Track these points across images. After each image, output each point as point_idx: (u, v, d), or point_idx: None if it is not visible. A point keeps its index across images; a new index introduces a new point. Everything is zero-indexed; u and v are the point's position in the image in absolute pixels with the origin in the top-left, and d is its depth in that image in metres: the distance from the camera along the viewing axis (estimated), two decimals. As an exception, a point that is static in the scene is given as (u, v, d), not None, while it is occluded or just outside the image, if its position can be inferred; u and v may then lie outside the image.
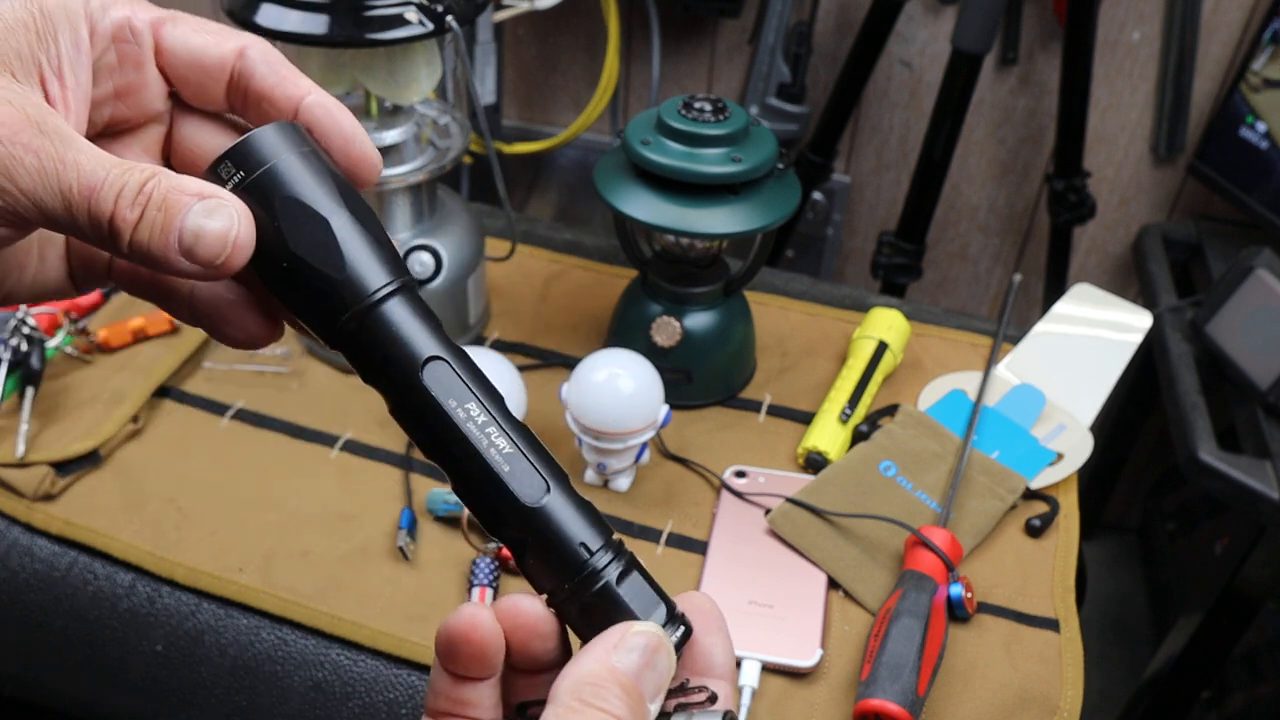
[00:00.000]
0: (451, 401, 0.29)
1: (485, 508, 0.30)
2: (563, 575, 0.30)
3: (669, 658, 0.31)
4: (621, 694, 0.29)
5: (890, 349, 0.86)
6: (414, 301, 0.30)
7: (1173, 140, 1.26)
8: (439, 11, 0.72)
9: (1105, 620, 1.52)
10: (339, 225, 0.29)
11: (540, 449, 0.30)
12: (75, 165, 0.27)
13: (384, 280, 0.29)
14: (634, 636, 0.30)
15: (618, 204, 0.76)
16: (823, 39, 1.32)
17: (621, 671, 0.29)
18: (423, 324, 0.30)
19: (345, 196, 0.29)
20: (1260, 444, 0.97)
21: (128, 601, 0.71)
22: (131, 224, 0.27)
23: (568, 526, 0.30)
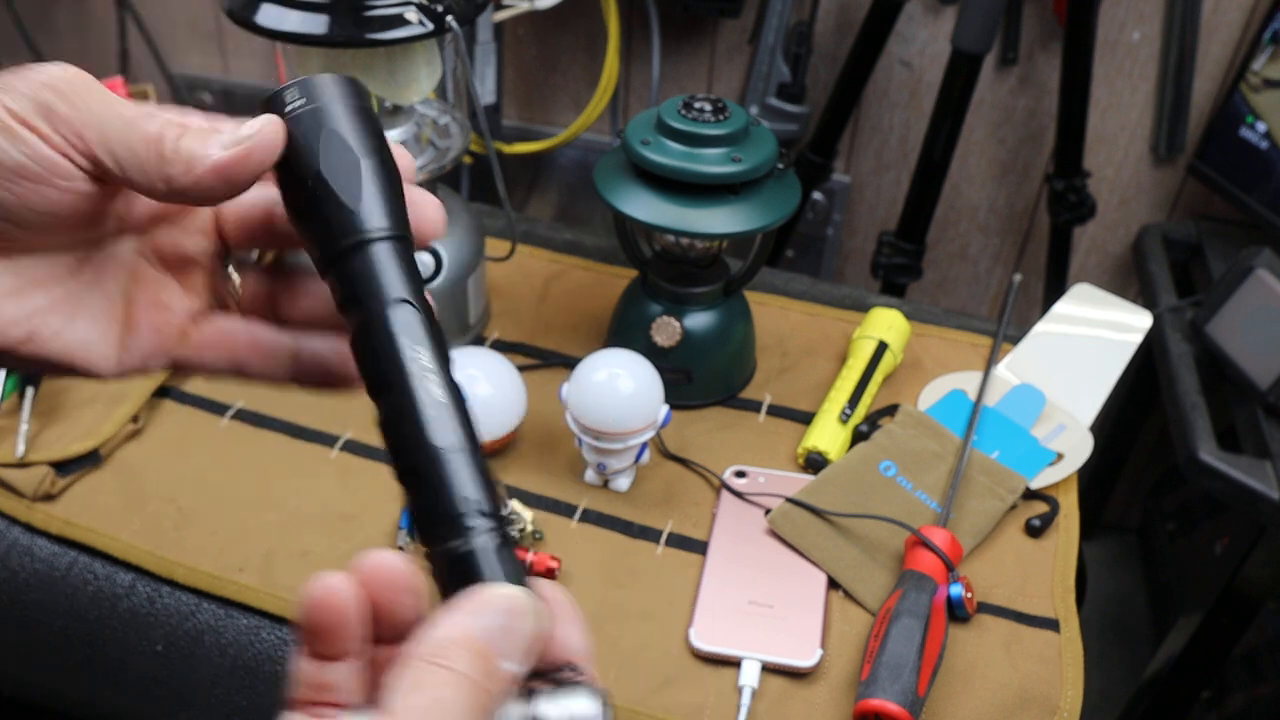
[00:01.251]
0: (406, 339, 0.32)
1: (399, 439, 0.32)
2: (441, 520, 0.31)
3: (533, 621, 0.30)
4: (471, 655, 0.28)
5: (890, 349, 0.86)
6: (406, 256, 0.33)
7: (1173, 140, 1.26)
8: (439, 11, 0.72)
9: (1105, 620, 1.52)
10: (367, 168, 0.33)
11: (466, 416, 0.32)
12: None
13: (388, 224, 0.33)
14: (494, 598, 0.29)
15: (618, 204, 0.76)
16: (823, 39, 1.32)
17: (474, 632, 0.28)
18: (407, 275, 0.33)
19: (380, 153, 0.33)
20: (1260, 444, 0.97)
21: (128, 601, 0.71)
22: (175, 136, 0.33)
23: (461, 478, 0.31)
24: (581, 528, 0.75)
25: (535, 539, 0.73)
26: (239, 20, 0.72)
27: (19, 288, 0.34)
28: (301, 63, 0.78)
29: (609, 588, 0.71)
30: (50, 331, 0.35)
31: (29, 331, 0.34)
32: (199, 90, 1.59)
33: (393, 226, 0.33)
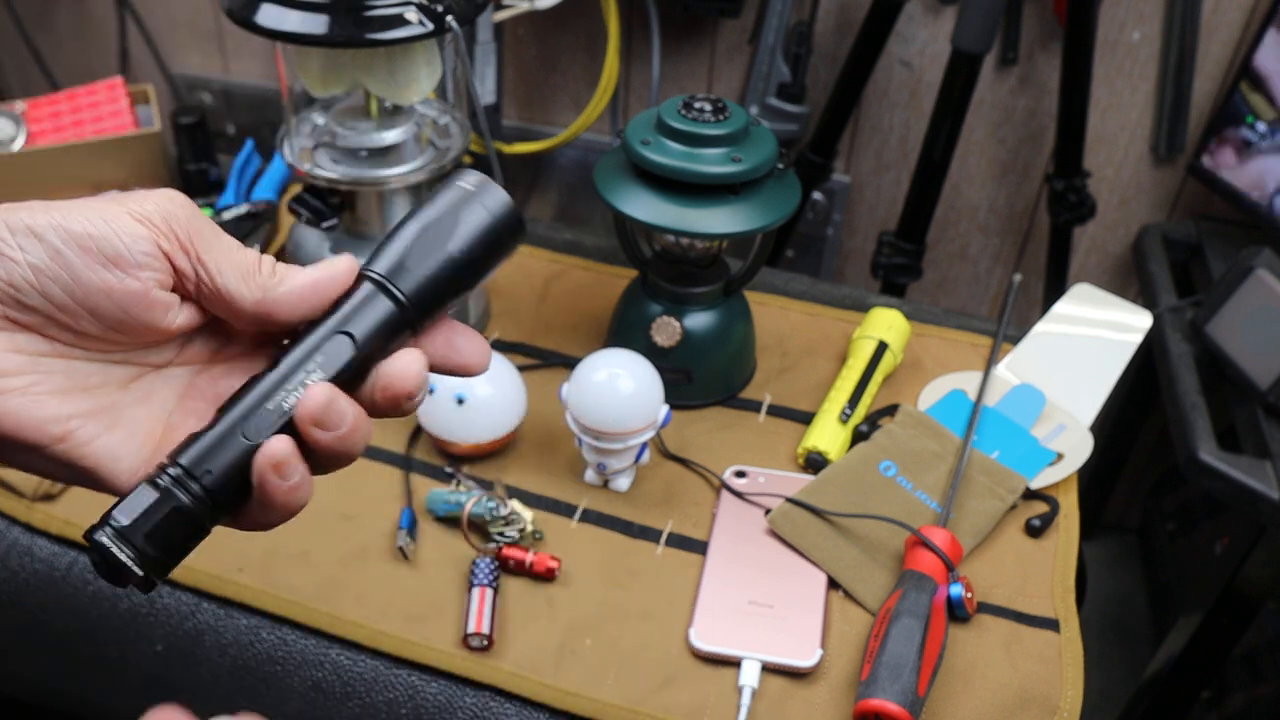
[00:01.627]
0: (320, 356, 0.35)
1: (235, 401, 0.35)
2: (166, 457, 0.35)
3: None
4: None
5: (890, 349, 0.86)
6: (393, 322, 0.36)
7: (1173, 140, 1.26)
8: (439, 11, 0.72)
9: (1105, 620, 1.52)
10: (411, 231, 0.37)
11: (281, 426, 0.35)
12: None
13: (389, 273, 0.36)
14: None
15: (618, 204, 0.76)
16: (823, 39, 1.32)
17: None
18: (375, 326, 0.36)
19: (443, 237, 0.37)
20: (1260, 444, 0.97)
21: (128, 601, 0.71)
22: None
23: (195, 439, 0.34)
24: (581, 528, 0.75)
25: (535, 539, 0.73)
26: (239, 20, 0.72)
27: (67, 389, 0.35)
28: (302, 63, 0.78)
29: (609, 588, 0.71)
30: (86, 436, 0.35)
31: (66, 431, 0.34)
32: (199, 90, 1.59)
33: (392, 280, 0.36)
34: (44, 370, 0.34)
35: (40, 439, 0.34)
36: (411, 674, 0.67)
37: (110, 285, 0.34)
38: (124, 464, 0.36)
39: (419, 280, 0.36)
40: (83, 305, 0.34)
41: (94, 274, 0.33)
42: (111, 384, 0.36)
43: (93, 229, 0.33)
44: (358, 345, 0.35)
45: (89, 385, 0.35)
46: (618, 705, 0.64)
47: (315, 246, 0.84)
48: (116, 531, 0.34)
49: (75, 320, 0.34)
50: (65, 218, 0.33)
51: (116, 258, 0.34)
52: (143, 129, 1.06)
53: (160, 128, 1.05)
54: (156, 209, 0.35)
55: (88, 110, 1.07)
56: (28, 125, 1.04)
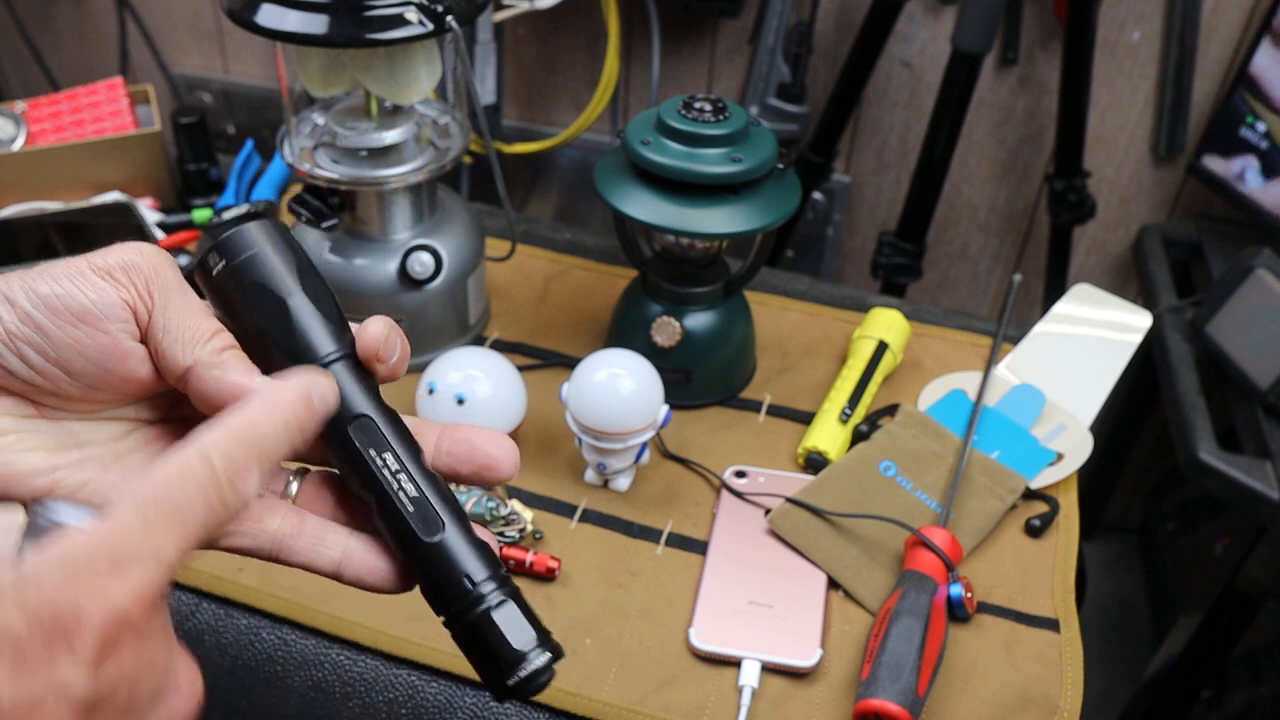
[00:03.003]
0: (371, 451, 0.36)
1: (394, 539, 0.36)
2: (448, 602, 0.35)
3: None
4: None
5: (890, 349, 0.86)
6: (353, 369, 0.36)
7: (1173, 140, 1.26)
8: (439, 11, 0.72)
9: (1105, 620, 1.52)
10: (294, 305, 0.36)
11: (445, 494, 0.36)
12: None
13: (326, 351, 0.36)
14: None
15: (618, 204, 0.76)
16: (823, 39, 1.32)
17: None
18: (357, 388, 0.36)
19: (304, 282, 0.36)
20: (1260, 444, 0.97)
21: (128, 601, 0.71)
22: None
23: (457, 561, 0.35)
24: (581, 528, 0.75)
25: (535, 539, 0.73)
26: (239, 20, 0.72)
27: (56, 445, 0.35)
28: (302, 63, 0.78)
29: (609, 588, 0.71)
30: (76, 482, 0.35)
31: (53, 482, 0.34)
32: (199, 90, 1.59)
33: (331, 347, 0.36)
34: (30, 430, 0.35)
35: (27, 492, 0.34)
36: (411, 674, 0.67)
37: (80, 342, 0.34)
38: None
39: (315, 334, 0.36)
40: (57, 365, 0.34)
41: (64, 333, 0.34)
42: (104, 438, 0.36)
43: (59, 288, 0.34)
44: (370, 411, 0.36)
45: (80, 441, 0.36)
46: (618, 705, 0.64)
47: (315, 246, 0.84)
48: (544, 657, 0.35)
49: (54, 383, 0.34)
50: (33, 281, 0.34)
51: (84, 313, 0.34)
52: (143, 129, 1.06)
53: (160, 128, 1.05)
54: (118, 261, 0.35)
55: (88, 110, 1.07)
56: (28, 125, 1.04)
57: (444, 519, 0.35)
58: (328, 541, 0.37)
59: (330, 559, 0.36)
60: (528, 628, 0.35)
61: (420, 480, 0.36)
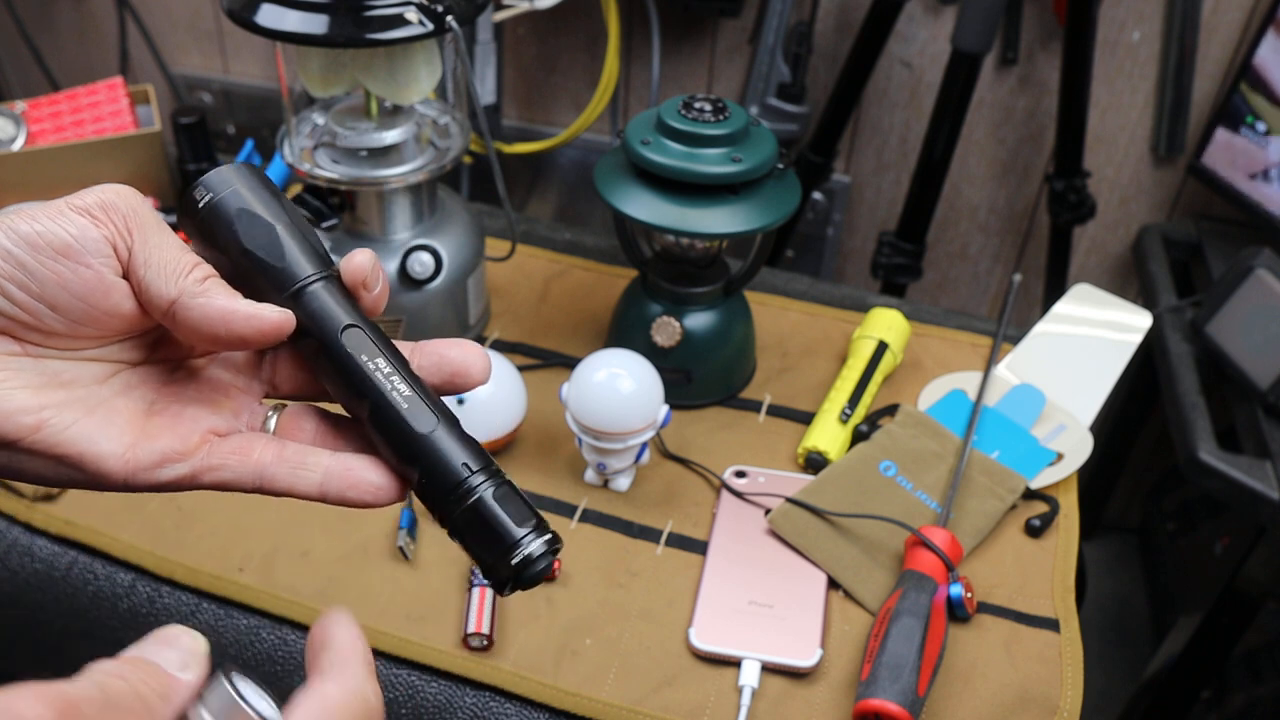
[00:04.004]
0: (363, 356, 0.37)
1: (389, 437, 0.37)
2: (447, 491, 0.36)
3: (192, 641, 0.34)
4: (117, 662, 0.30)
5: (890, 349, 0.86)
6: (338, 288, 0.38)
7: (1173, 140, 1.26)
8: (439, 11, 0.72)
9: (1105, 620, 1.52)
10: (280, 231, 0.38)
11: (433, 396, 0.38)
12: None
13: (312, 270, 0.38)
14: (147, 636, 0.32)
15: (618, 204, 0.76)
16: (823, 39, 1.32)
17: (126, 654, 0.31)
18: (342, 303, 0.38)
19: (287, 213, 0.38)
20: (1260, 444, 0.97)
21: (128, 601, 0.71)
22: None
23: (452, 451, 0.36)
24: (581, 528, 0.75)
25: (535, 539, 0.73)
26: (239, 20, 0.72)
27: (41, 384, 0.35)
28: (302, 63, 0.78)
29: (609, 588, 0.71)
30: (62, 423, 0.35)
31: (40, 421, 0.34)
32: (199, 90, 1.59)
33: (316, 268, 0.38)
34: (15, 369, 0.35)
35: (13, 431, 0.34)
36: (411, 674, 0.67)
37: (64, 276, 0.34)
38: (106, 446, 0.35)
39: (301, 255, 0.38)
40: (42, 301, 0.34)
41: (47, 268, 0.34)
42: (88, 379, 0.37)
43: (39, 226, 0.34)
44: (359, 322, 0.37)
45: (64, 381, 0.36)
46: (618, 705, 0.64)
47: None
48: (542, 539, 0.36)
49: (39, 319, 0.35)
50: (12, 220, 0.34)
51: (65, 248, 0.34)
52: (143, 129, 1.06)
53: (160, 128, 1.05)
54: (95, 200, 0.35)
55: (88, 110, 1.07)
56: (28, 125, 1.04)
57: (437, 414, 0.37)
58: (309, 464, 0.37)
59: (312, 481, 0.37)
60: (526, 510, 0.36)
61: (411, 381, 0.37)
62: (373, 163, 0.80)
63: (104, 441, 0.35)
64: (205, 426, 0.38)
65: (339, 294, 0.38)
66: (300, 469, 0.37)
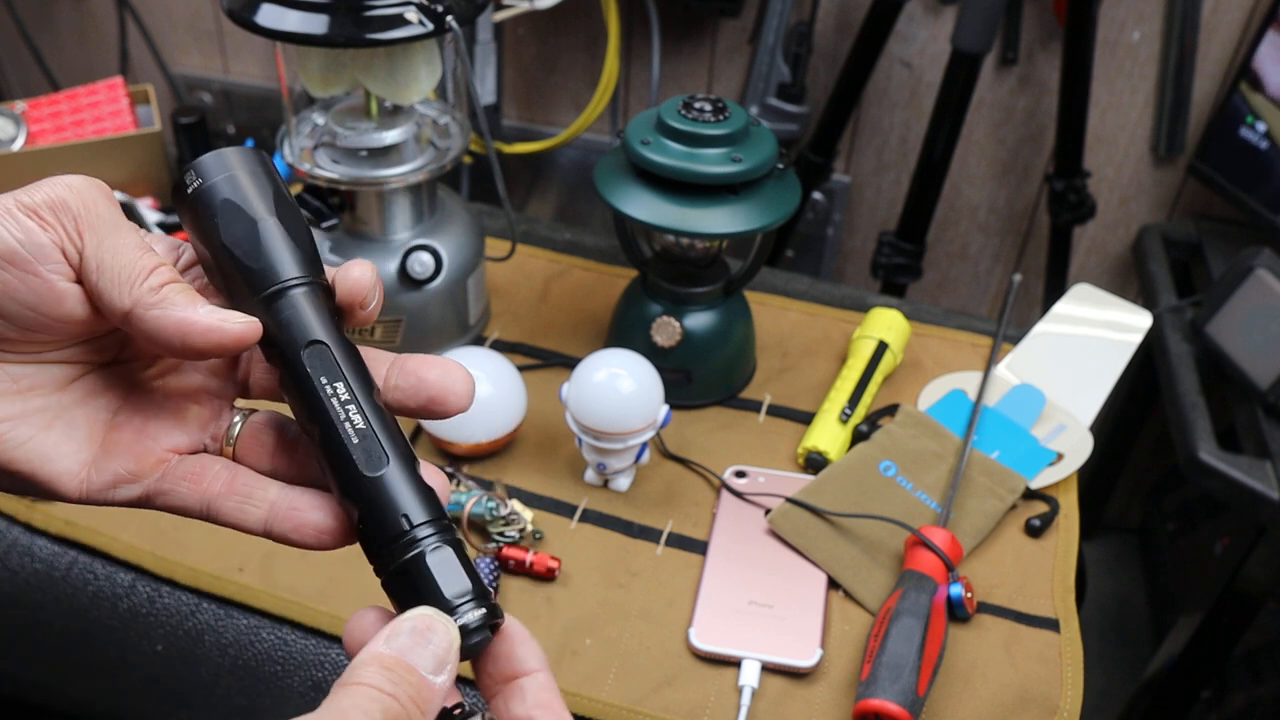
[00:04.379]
0: (323, 379, 0.34)
1: (334, 471, 0.34)
2: (381, 544, 0.33)
3: (446, 634, 0.31)
4: (381, 669, 0.30)
5: (890, 349, 0.86)
6: (317, 298, 0.35)
7: (1173, 140, 1.26)
8: (439, 11, 0.72)
9: (1105, 620, 1.52)
10: (263, 228, 0.35)
11: (393, 432, 0.34)
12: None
13: (291, 275, 0.35)
14: (401, 622, 0.31)
15: (618, 204, 0.76)
16: (823, 39, 1.32)
17: (384, 653, 0.30)
18: (317, 315, 0.35)
19: (279, 208, 0.36)
20: (1260, 444, 0.97)
21: (128, 601, 0.71)
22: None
23: (396, 499, 0.33)
24: (581, 528, 0.75)
25: (535, 539, 0.73)
26: (239, 20, 0.72)
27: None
28: (302, 63, 0.78)
29: (609, 588, 0.71)
30: (18, 438, 0.33)
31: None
32: (199, 90, 1.59)
33: (296, 272, 0.35)
34: None
35: None
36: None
37: (10, 285, 0.32)
38: (62, 464, 0.34)
39: (282, 257, 0.35)
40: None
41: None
42: (48, 385, 0.35)
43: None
44: (328, 339, 0.35)
45: (24, 388, 0.34)
46: (618, 705, 0.64)
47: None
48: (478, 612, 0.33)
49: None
50: None
51: (11, 255, 0.32)
52: (143, 129, 1.06)
53: (160, 128, 1.05)
54: (45, 199, 0.33)
55: (88, 110, 1.07)
56: (28, 125, 1.04)
57: (389, 454, 0.34)
58: (255, 499, 0.35)
59: (257, 517, 0.35)
60: (464, 577, 0.33)
61: (370, 413, 0.34)
62: (373, 163, 0.80)
63: (60, 459, 0.34)
64: (166, 445, 0.36)
65: (317, 304, 0.35)
66: (246, 503, 0.35)
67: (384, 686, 0.29)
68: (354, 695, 0.29)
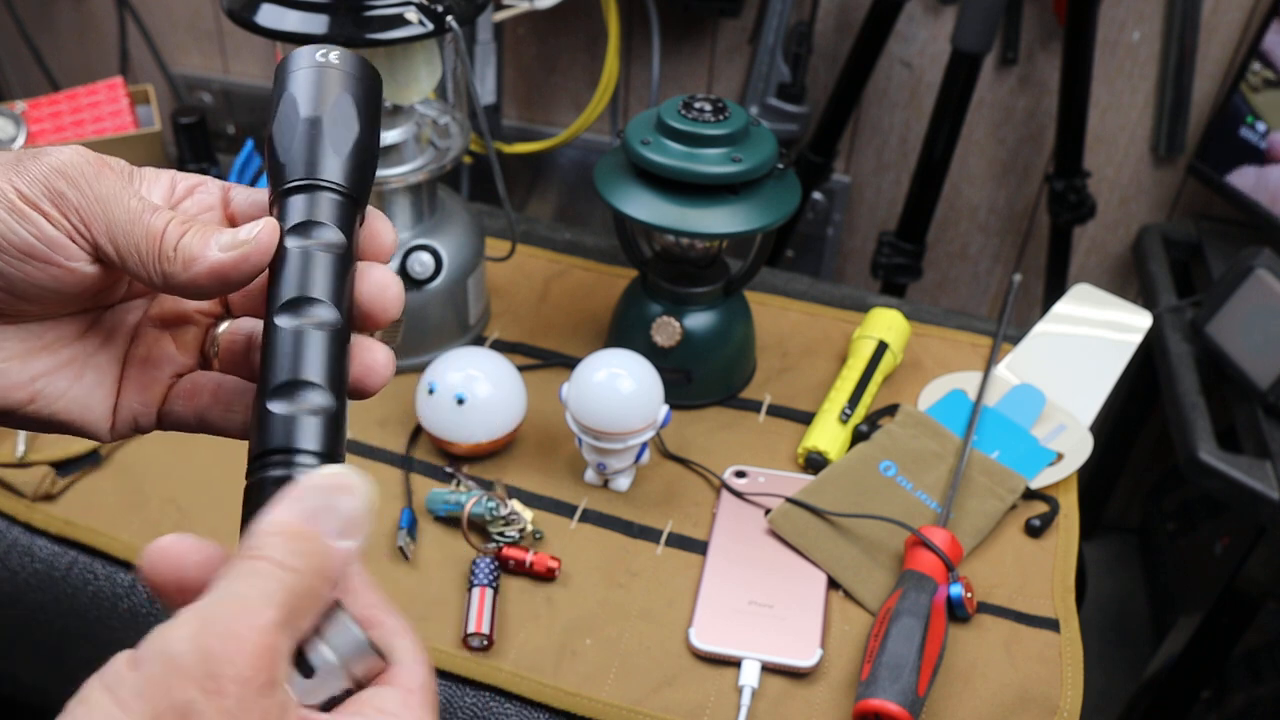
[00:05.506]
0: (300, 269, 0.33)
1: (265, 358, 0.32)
2: (251, 454, 0.31)
3: (354, 496, 0.29)
4: (285, 540, 0.27)
5: (890, 349, 0.86)
6: (335, 207, 0.34)
7: (1173, 140, 1.26)
8: (439, 11, 0.72)
9: (1105, 620, 1.52)
10: (307, 126, 0.34)
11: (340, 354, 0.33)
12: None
13: (320, 178, 0.34)
14: (312, 479, 0.29)
15: (618, 204, 0.76)
16: (823, 39, 1.32)
17: (289, 517, 0.28)
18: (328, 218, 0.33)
19: (340, 115, 0.35)
20: (1260, 444, 0.97)
21: (128, 601, 0.71)
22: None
23: (293, 415, 0.31)
24: (581, 528, 0.75)
25: (535, 539, 0.73)
26: (239, 20, 0.72)
27: (26, 352, 0.35)
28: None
29: (609, 588, 0.71)
30: (55, 392, 0.35)
31: (33, 394, 0.34)
32: (199, 90, 1.59)
33: (325, 179, 0.34)
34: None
35: (8, 404, 0.34)
36: (411, 674, 0.67)
37: (33, 275, 0.33)
38: (96, 411, 0.36)
39: (315, 160, 0.34)
40: (11, 294, 0.33)
41: (14, 269, 0.33)
42: (69, 337, 0.36)
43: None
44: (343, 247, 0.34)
45: (46, 343, 0.35)
46: (618, 705, 0.64)
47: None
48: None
49: (10, 307, 0.34)
50: None
51: (30, 250, 0.33)
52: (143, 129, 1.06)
53: (160, 128, 1.05)
54: (44, 191, 0.33)
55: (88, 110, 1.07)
56: (28, 125, 1.04)
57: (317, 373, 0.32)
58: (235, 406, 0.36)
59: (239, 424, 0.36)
60: None
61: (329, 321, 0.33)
62: (373, 163, 0.80)
63: (95, 406, 0.36)
64: (169, 372, 0.37)
65: (332, 209, 0.34)
66: (229, 411, 0.37)
67: (287, 560, 0.27)
68: (252, 573, 0.27)
